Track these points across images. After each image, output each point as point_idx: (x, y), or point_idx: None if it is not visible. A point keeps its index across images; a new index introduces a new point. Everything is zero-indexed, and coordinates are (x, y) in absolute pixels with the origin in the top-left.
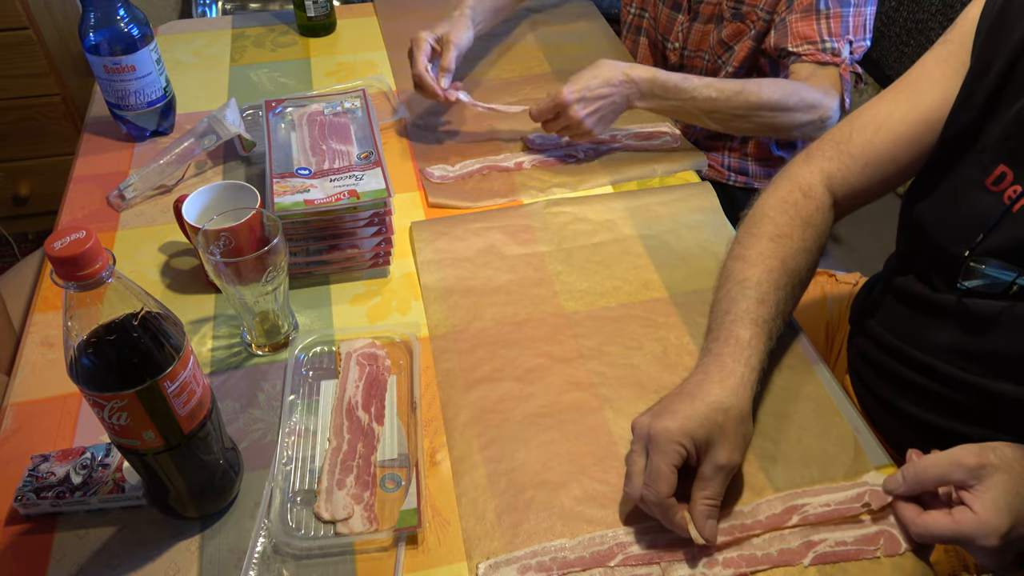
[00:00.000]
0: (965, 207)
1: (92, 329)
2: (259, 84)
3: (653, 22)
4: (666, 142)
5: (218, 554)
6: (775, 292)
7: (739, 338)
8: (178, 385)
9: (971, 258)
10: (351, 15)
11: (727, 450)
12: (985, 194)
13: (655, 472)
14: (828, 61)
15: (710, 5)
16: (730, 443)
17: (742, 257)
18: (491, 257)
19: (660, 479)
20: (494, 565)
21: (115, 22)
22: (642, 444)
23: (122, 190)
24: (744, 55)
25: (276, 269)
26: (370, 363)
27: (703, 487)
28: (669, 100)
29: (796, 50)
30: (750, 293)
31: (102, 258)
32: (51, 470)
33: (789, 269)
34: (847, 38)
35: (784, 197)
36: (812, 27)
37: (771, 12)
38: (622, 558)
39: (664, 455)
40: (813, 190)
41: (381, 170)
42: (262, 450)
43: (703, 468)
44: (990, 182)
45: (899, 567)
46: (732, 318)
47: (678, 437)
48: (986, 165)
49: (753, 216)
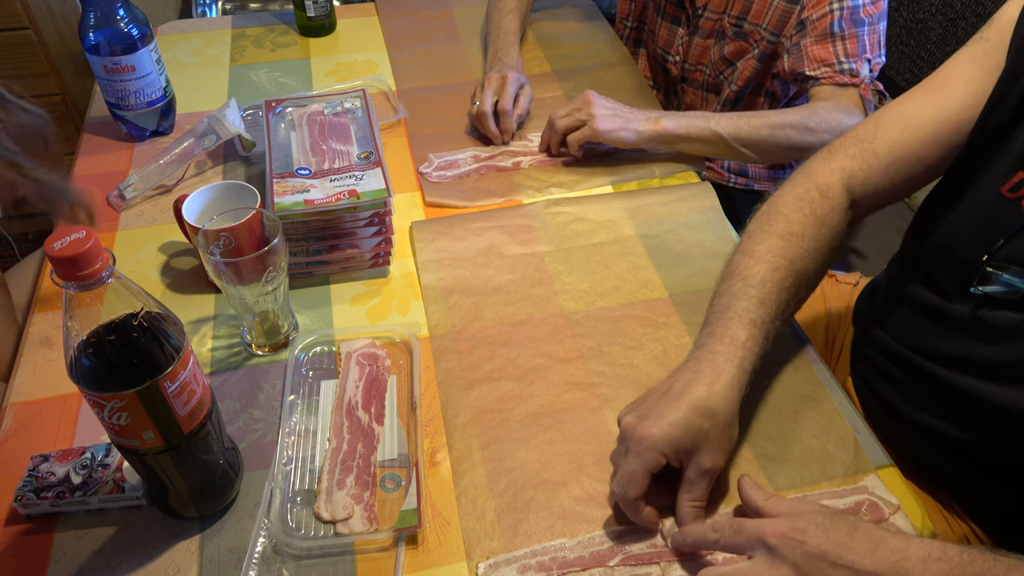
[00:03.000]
0: (986, 211)
1: (92, 329)
2: (259, 84)
3: (652, 36)
4: None
5: (218, 554)
6: (778, 293)
7: (735, 338)
8: (178, 385)
9: (988, 263)
10: (351, 15)
11: (711, 455)
12: (1004, 200)
13: (628, 475)
14: (847, 83)
15: (710, 20)
16: (715, 448)
17: (749, 252)
18: (491, 257)
19: (632, 483)
20: (494, 565)
21: (115, 22)
22: (625, 444)
23: (122, 190)
24: (749, 74)
25: (276, 269)
26: (370, 363)
27: (688, 490)
28: (692, 121)
29: (814, 74)
30: (752, 292)
31: (102, 258)
32: (51, 470)
33: (797, 270)
34: (864, 57)
35: (800, 195)
36: (828, 50)
37: (776, 34)
38: (622, 558)
39: (642, 461)
40: (831, 189)
41: (381, 170)
42: (262, 450)
43: (688, 473)
44: (1007, 188)
45: None
46: (731, 315)
47: (660, 446)
48: (1007, 171)
49: (766, 212)
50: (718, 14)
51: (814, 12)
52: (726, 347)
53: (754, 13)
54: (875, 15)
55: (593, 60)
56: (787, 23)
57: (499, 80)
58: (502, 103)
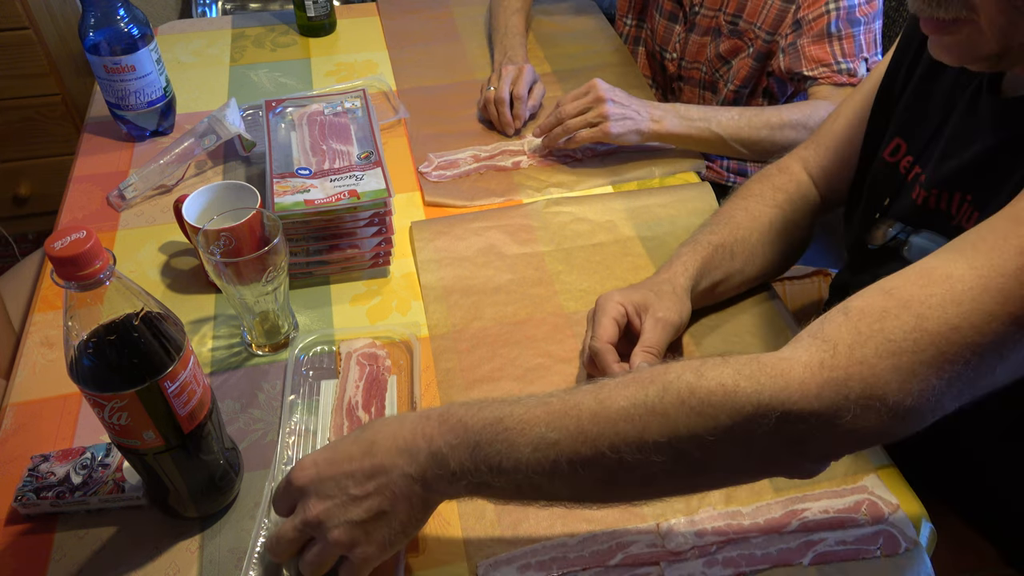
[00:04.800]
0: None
1: (92, 329)
2: (259, 84)
3: (651, 33)
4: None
5: (218, 554)
6: (733, 231)
7: (680, 254)
8: (178, 385)
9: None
10: (351, 15)
11: (663, 308)
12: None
13: (598, 325)
14: (845, 82)
15: (706, 17)
16: (665, 304)
17: (715, 213)
18: (491, 257)
19: (602, 328)
20: (494, 564)
21: (115, 22)
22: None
23: (122, 190)
24: (745, 73)
25: (276, 269)
26: (370, 363)
27: (643, 339)
28: (694, 122)
29: (812, 74)
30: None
31: (102, 258)
32: (51, 470)
33: (754, 217)
34: (862, 56)
35: (761, 173)
36: (826, 50)
37: (772, 33)
38: (622, 558)
39: (605, 312)
40: (788, 167)
41: (381, 170)
42: (262, 450)
43: (644, 324)
44: (887, 153)
45: (898, 567)
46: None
47: (617, 298)
48: (888, 138)
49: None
50: (714, 11)
51: (810, 12)
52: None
53: (749, 11)
54: (870, 14)
55: (593, 60)
56: (782, 22)
57: (515, 71)
58: (517, 89)
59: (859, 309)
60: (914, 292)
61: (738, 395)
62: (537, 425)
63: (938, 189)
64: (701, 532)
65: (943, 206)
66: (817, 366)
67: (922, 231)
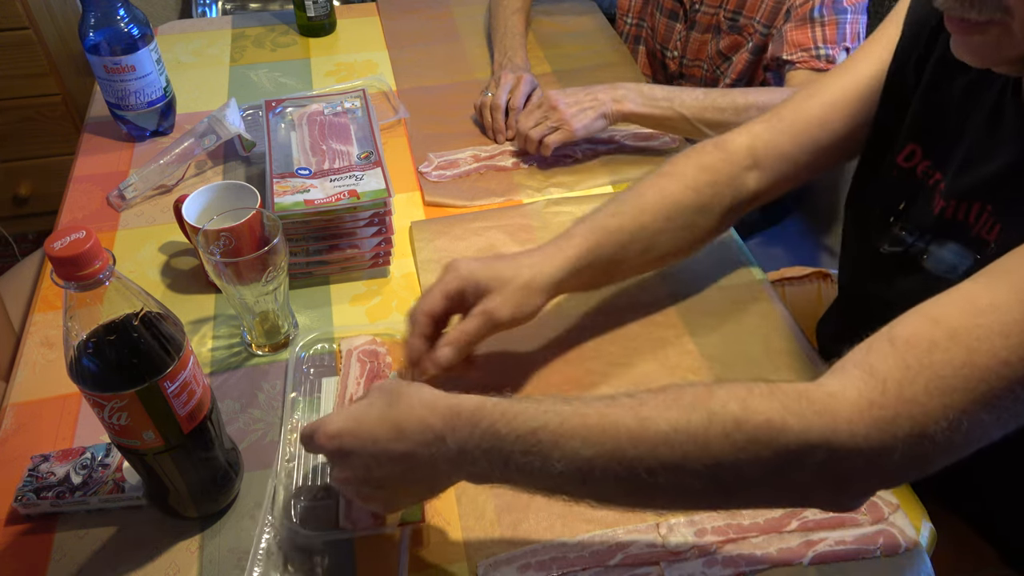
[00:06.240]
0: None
1: (92, 329)
2: (259, 84)
3: (651, 32)
4: (665, 143)
5: (218, 554)
6: (636, 216)
7: (571, 234)
8: (178, 385)
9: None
10: (351, 15)
11: (496, 301)
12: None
13: (428, 293)
14: (823, 68)
15: (707, 15)
16: (503, 297)
17: (628, 188)
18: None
19: (430, 299)
20: (494, 564)
21: (115, 22)
22: None
23: (122, 190)
24: (742, 67)
25: (276, 269)
26: (371, 360)
27: (461, 326)
28: (657, 102)
29: (790, 58)
30: (610, 205)
31: (102, 258)
32: (51, 470)
33: (664, 201)
34: (844, 45)
35: (695, 147)
36: (807, 34)
37: (768, 26)
38: (622, 558)
39: (441, 282)
40: (728, 144)
41: (381, 170)
42: (262, 450)
43: (472, 310)
44: (902, 159)
45: (898, 567)
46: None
47: (462, 272)
48: (902, 142)
49: None
50: (714, 8)
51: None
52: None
53: (748, 7)
54: (857, 5)
55: (593, 60)
56: (778, 14)
57: (515, 79)
58: (514, 100)
59: (905, 340)
60: (962, 322)
61: (786, 433)
62: (572, 439)
63: (957, 200)
64: (701, 532)
65: (960, 216)
66: (867, 405)
67: (944, 242)
